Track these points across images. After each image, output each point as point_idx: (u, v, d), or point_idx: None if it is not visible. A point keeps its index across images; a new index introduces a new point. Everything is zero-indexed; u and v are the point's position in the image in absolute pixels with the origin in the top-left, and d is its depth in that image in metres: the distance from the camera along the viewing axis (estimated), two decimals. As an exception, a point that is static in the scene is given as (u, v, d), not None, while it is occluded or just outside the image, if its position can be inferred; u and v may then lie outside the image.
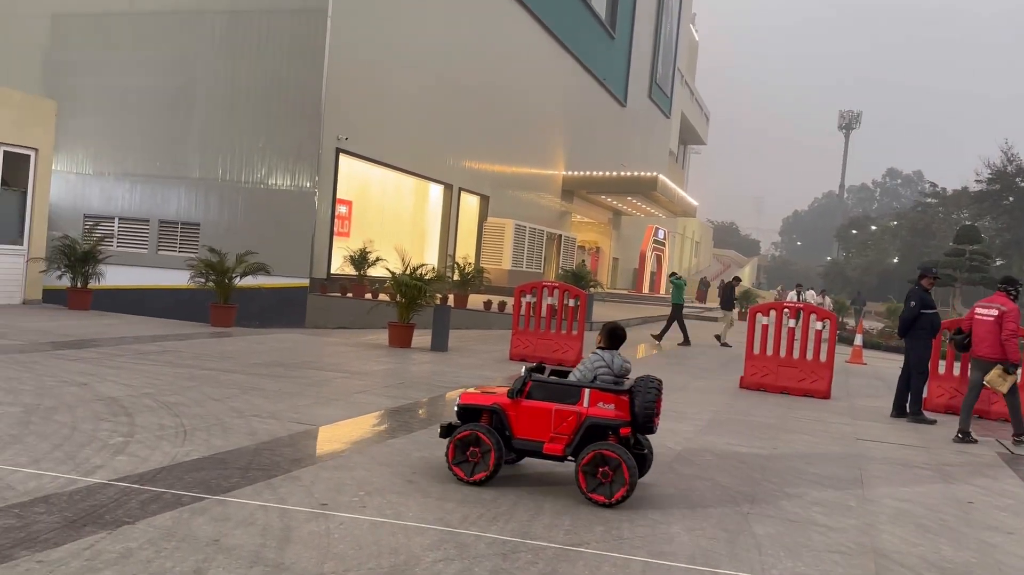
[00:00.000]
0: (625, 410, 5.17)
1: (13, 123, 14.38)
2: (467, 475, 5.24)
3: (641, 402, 5.15)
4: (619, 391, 5.22)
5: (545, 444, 5.20)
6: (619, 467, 4.95)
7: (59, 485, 4.51)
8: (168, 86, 20.92)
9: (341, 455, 5.83)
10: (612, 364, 5.45)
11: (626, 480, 4.94)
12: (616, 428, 5.12)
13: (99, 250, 15.14)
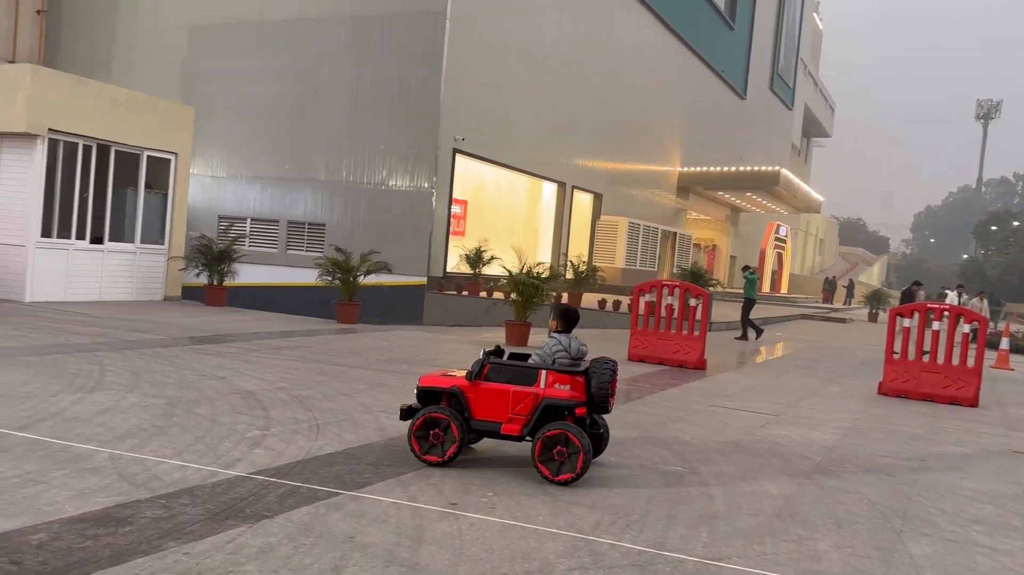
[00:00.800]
0: (581, 391, 5.28)
1: (155, 129, 15.26)
2: (441, 457, 5.27)
3: (596, 383, 5.24)
4: (575, 372, 5.31)
5: (503, 425, 5.31)
6: (569, 441, 5.07)
7: (202, 477, 4.66)
8: (296, 91, 21.76)
9: (468, 452, 5.80)
10: (569, 348, 5.53)
11: (579, 457, 5.04)
12: (572, 408, 5.24)
13: (233, 249, 15.88)
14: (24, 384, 6.81)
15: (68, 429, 5.44)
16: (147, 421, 5.87)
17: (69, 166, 13.87)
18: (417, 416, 5.32)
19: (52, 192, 13.63)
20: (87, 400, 6.39)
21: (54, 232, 13.77)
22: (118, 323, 11.54)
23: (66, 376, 7.30)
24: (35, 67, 13.40)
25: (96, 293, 14.54)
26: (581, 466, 5.05)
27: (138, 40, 24.30)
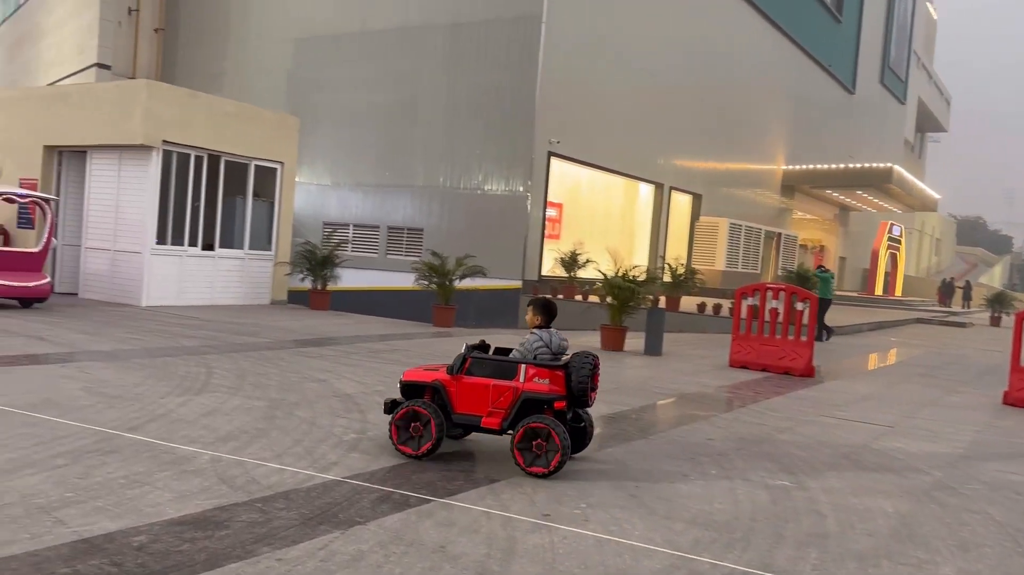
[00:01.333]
0: (560, 385, 5.28)
1: (263, 139, 15.83)
2: (415, 450, 5.34)
3: (576, 377, 5.25)
4: (554, 366, 5.32)
5: (483, 418, 5.33)
6: (550, 437, 5.08)
7: (298, 480, 4.71)
8: (395, 100, 22.19)
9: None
10: (550, 343, 5.52)
11: (556, 456, 5.07)
12: (551, 402, 5.24)
13: (336, 255, 16.28)
14: (136, 386, 7.12)
15: (174, 431, 5.62)
16: (249, 423, 6.01)
17: (182, 176, 14.54)
18: (400, 408, 5.38)
19: (166, 201, 14.32)
20: (193, 402, 6.61)
21: (168, 239, 14.46)
22: (226, 327, 11.99)
23: (175, 378, 7.59)
24: (151, 82, 14.12)
25: (207, 297, 15.18)
26: (555, 465, 5.10)
27: (247, 54, 25.35)
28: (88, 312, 12.63)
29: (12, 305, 12.59)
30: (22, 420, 5.56)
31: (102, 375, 7.49)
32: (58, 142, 15.18)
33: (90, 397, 6.48)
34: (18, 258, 12.66)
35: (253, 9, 25.31)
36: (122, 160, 14.39)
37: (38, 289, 12.47)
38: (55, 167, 15.42)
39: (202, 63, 25.96)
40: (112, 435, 5.37)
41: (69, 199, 15.47)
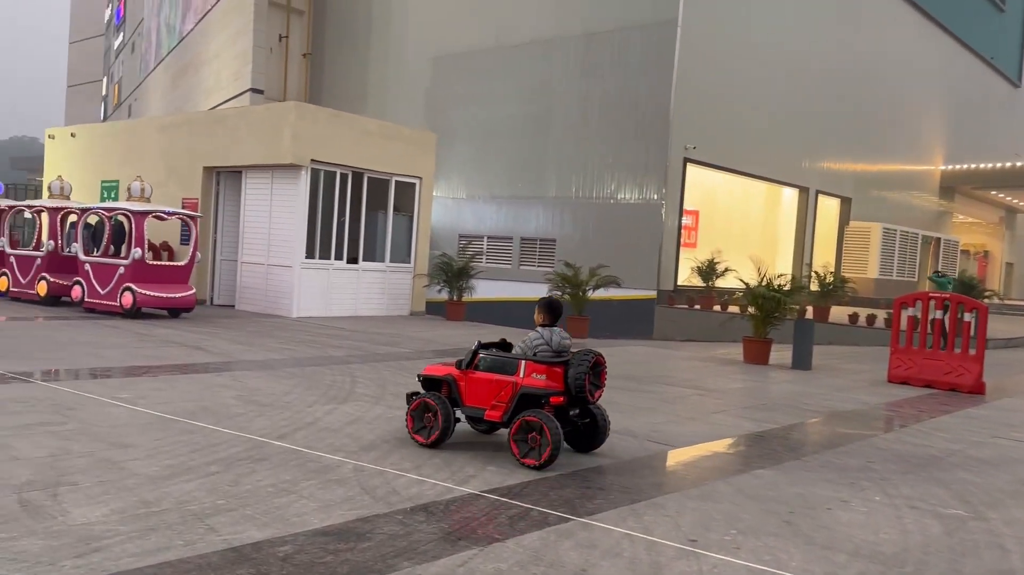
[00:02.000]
0: (558, 381, 5.47)
1: (402, 155, 16.30)
2: (425, 439, 5.68)
3: (573, 374, 5.43)
4: (552, 363, 5.51)
5: (486, 411, 5.61)
6: (543, 431, 5.23)
7: (437, 493, 4.69)
8: (528, 112, 22.33)
9: (705, 483, 5.37)
10: (551, 341, 5.72)
11: (547, 451, 5.20)
12: (547, 397, 5.39)
13: (471, 266, 16.50)
14: (285, 394, 7.40)
15: (319, 439, 5.77)
16: (390, 433, 6.08)
17: (328, 193, 15.18)
18: (415, 399, 5.78)
19: (314, 217, 14.99)
20: (338, 411, 6.78)
21: (316, 254, 15.12)
22: (369, 337, 12.36)
23: (321, 387, 7.84)
24: (299, 104, 14.86)
25: (352, 309, 15.76)
26: (546, 458, 5.24)
27: (388, 74, 26.30)
28: (243, 323, 13.37)
29: (161, 315, 13.62)
30: (181, 427, 5.86)
31: (254, 384, 7.84)
32: (216, 163, 16.24)
33: (243, 405, 6.78)
34: (167, 271, 13.62)
35: (393, 32, 26.24)
36: (274, 179, 15.20)
37: (184, 300, 13.37)
38: (213, 187, 16.50)
39: (346, 84, 27.18)
40: (262, 443, 5.56)
41: (226, 217, 16.50)
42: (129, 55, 52.17)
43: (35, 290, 14.45)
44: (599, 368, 5.55)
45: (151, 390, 7.19)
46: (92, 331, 11.03)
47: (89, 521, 3.82)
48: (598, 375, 5.56)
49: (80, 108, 65.15)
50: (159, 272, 13.45)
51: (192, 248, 13.97)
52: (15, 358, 8.35)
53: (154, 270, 13.41)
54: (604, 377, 5.63)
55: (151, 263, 13.50)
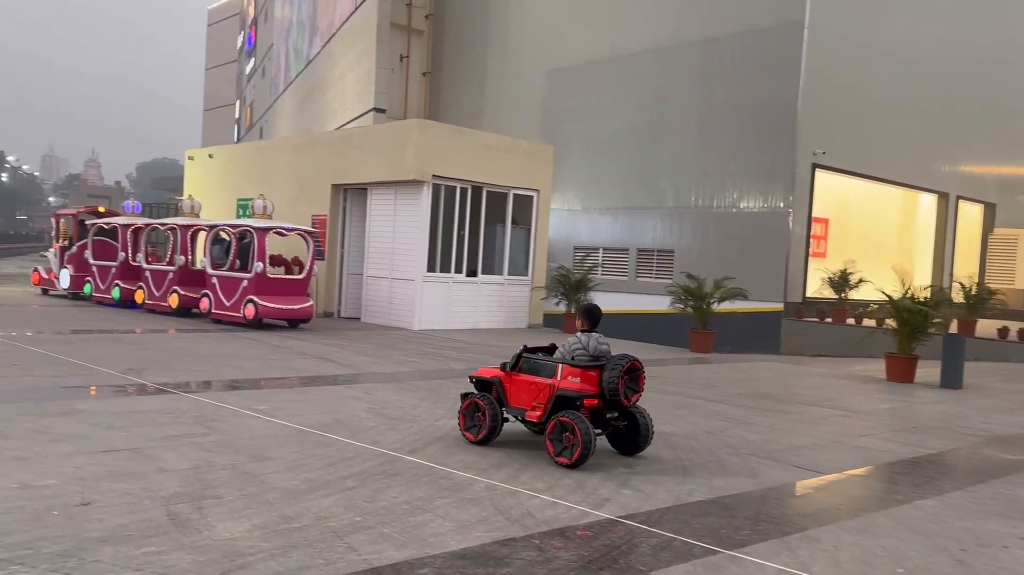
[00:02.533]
0: (593, 384, 5.67)
1: (520, 168, 16.32)
2: (475, 436, 6.02)
3: (606, 378, 5.62)
4: (588, 367, 5.72)
5: (527, 411, 5.90)
6: (575, 432, 5.43)
7: (572, 517, 4.51)
8: (645, 121, 21.99)
9: (862, 515, 4.96)
10: (588, 346, 5.90)
11: (577, 451, 5.41)
12: (581, 399, 5.61)
13: (588, 278, 16.29)
14: (414, 408, 7.42)
15: (449, 455, 5.71)
16: (519, 450, 5.96)
17: (449, 207, 15.37)
18: (466, 399, 6.14)
19: (435, 231, 15.20)
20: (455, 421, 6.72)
21: (437, 267, 15.31)
22: (489, 349, 12.36)
23: (448, 401, 7.83)
24: (421, 121, 15.13)
25: (471, 321, 15.86)
26: (577, 457, 5.44)
27: (504, 89, 26.55)
28: (369, 335, 13.67)
29: (281, 325, 14.17)
30: (316, 440, 5.95)
31: (383, 396, 7.92)
32: (343, 180, 16.76)
33: (374, 418, 6.83)
34: (286, 284, 14.15)
35: (510, 48, 26.48)
36: (397, 195, 15.53)
37: (303, 311, 14.01)
38: (341, 203, 17.03)
39: (464, 101, 27.61)
40: (395, 457, 5.56)
41: (352, 232, 16.99)
42: (260, 79, 55.05)
43: (167, 302, 15.22)
44: (635, 372, 5.72)
45: (286, 402, 7.37)
46: (231, 343, 11.52)
47: (233, 536, 3.87)
48: (635, 380, 5.73)
49: (216, 131, 69.33)
50: (279, 285, 14.00)
51: (309, 263, 14.48)
52: (163, 370, 8.79)
53: (274, 283, 13.96)
54: (642, 382, 5.77)
55: (271, 276, 14.02)
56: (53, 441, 5.40)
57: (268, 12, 52.92)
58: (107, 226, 17.25)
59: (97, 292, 17.00)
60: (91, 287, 17.16)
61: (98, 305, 16.63)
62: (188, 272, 15.21)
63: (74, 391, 7.32)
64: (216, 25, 75.06)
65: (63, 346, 10.19)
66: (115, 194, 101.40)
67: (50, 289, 18.78)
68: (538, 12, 25.51)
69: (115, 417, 6.26)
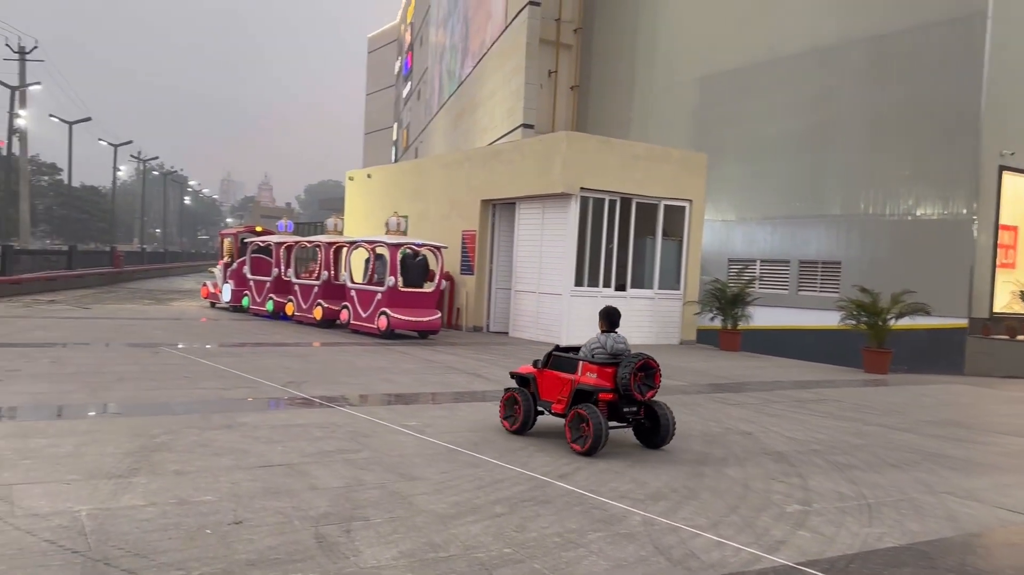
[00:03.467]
0: (609, 380, 6.14)
1: (671, 179, 15.76)
2: (511, 426, 6.73)
3: (620, 374, 6.07)
4: (604, 364, 6.21)
5: (553, 404, 6.50)
6: (588, 422, 5.95)
7: (743, 561, 4.04)
8: (806, 125, 20.78)
9: None
10: (606, 345, 6.39)
11: (588, 441, 5.94)
12: (597, 393, 6.11)
13: (747, 293, 15.45)
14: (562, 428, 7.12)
15: (602, 482, 5.36)
16: (678, 480, 5.53)
17: (597, 220, 15.05)
18: (506, 392, 6.87)
19: (583, 245, 14.91)
20: (618, 451, 6.35)
21: (585, 281, 15.01)
22: (641, 367, 11.90)
23: (598, 422, 7.49)
24: (569, 134, 14.93)
25: (620, 337, 15.41)
26: (589, 446, 5.97)
27: (652, 99, 25.97)
28: (517, 351, 13.55)
29: (412, 336, 14.81)
30: (465, 460, 5.77)
31: (531, 416, 7.69)
32: (492, 196, 16.84)
33: (523, 439, 6.60)
34: (416, 297, 14.66)
35: (659, 57, 25.90)
36: (545, 208, 15.39)
37: (431, 323, 14.55)
38: (489, 218, 17.11)
39: (612, 113, 27.25)
40: (544, 482, 5.28)
41: (501, 247, 17.02)
42: (416, 102, 57.21)
43: (312, 314, 16.15)
44: (650, 370, 6.17)
45: (436, 418, 7.29)
46: (386, 357, 11.73)
47: (379, 563, 3.72)
48: (650, 377, 6.17)
49: (376, 152, 72.77)
50: (409, 298, 14.57)
51: (438, 277, 15.02)
52: (321, 383, 9.00)
53: (405, 296, 14.53)
54: (657, 379, 6.22)
55: (402, 290, 14.57)
56: (214, 455, 5.53)
57: (423, 37, 54.98)
58: (262, 244, 18.60)
59: (254, 305, 18.43)
60: (249, 300, 18.65)
61: (255, 316, 18.00)
62: (330, 286, 16.07)
63: (237, 403, 7.59)
64: (375, 52, 78.94)
65: (230, 359, 10.71)
66: (286, 214, 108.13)
67: (216, 302, 20.42)
68: (689, 19, 24.79)
69: (274, 431, 6.38)
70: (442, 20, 46.22)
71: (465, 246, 17.47)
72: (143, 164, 64.81)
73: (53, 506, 4.26)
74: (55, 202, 70.36)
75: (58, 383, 8.14)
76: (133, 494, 4.53)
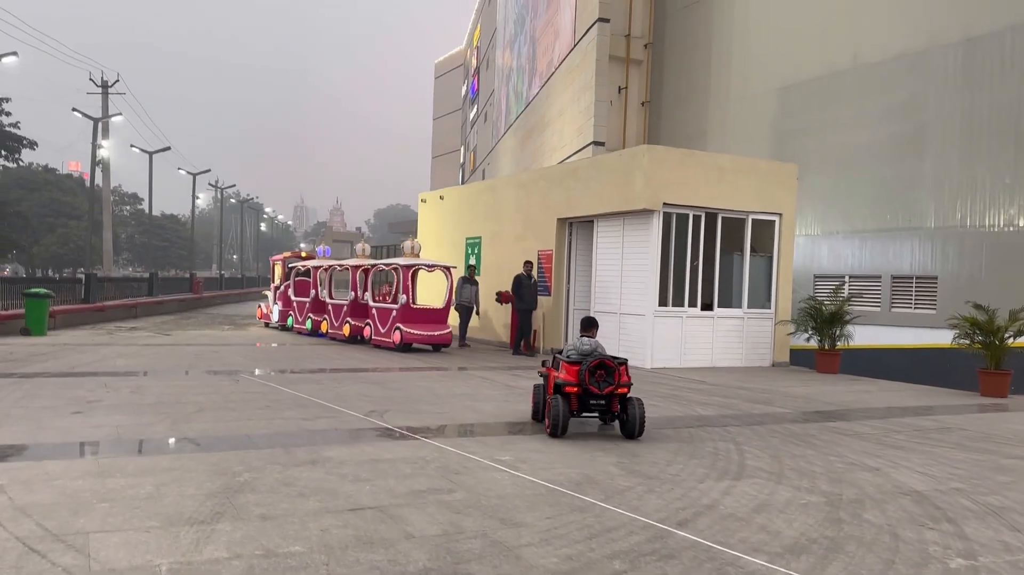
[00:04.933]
0: (574, 376, 7.52)
1: (759, 191, 14.98)
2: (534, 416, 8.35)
3: (580, 371, 7.47)
4: (571, 362, 7.62)
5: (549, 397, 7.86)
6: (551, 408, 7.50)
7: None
8: (896, 133, 19.77)
9: None
10: (578, 347, 7.89)
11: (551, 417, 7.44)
12: (565, 386, 7.55)
13: (845, 311, 14.51)
14: (668, 464, 6.52)
15: (729, 531, 4.75)
16: (813, 527, 4.87)
17: (681, 236, 14.37)
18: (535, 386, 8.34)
19: (666, 262, 14.26)
20: (736, 491, 5.72)
21: (669, 301, 14.33)
22: (736, 392, 11.15)
23: (705, 456, 6.85)
24: (650, 147, 14.33)
25: (707, 359, 14.66)
26: (550, 427, 7.42)
27: (728, 112, 25.16)
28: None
29: (426, 350, 16.05)
30: (569, 503, 5.23)
31: (632, 448, 7.10)
32: (568, 214, 16.34)
33: (627, 476, 6.02)
34: (427, 313, 16.07)
35: (734, 68, 25.12)
36: (625, 225, 14.81)
37: (441, 337, 15.82)
38: (566, 237, 16.61)
39: (685, 127, 26.51)
40: (663, 531, 4.69)
41: (578, 267, 16.49)
42: (482, 124, 57.34)
43: (342, 331, 17.67)
44: (609, 369, 7.42)
45: (529, 451, 6.78)
46: (467, 383, 11.29)
47: (496, 636, 3.21)
48: (610, 374, 7.41)
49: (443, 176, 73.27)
50: (421, 314, 16.02)
51: (447, 294, 16.35)
52: (404, 412, 8.60)
53: (417, 312, 15.99)
54: (617, 376, 7.43)
55: (415, 307, 16.04)
56: (300, 496, 5.13)
57: (489, 60, 55.14)
58: (303, 268, 20.55)
59: (296, 324, 20.46)
60: (292, 319, 20.72)
61: (296, 334, 19.82)
62: (358, 305, 17.51)
63: (321, 435, 7.23)
64: (442, 77, 79.78)
65: (310, 386, 10.43)
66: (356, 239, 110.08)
67: (268, 322, 22.63)
68: (767, 28, 23.95)
69: (360, 467, 5.97)
70: (508, 42, 46.22)
71: (541, 266, 17.00)
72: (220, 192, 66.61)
73: (131, 559, 3.90)
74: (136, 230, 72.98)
75: (138, 414, 7.94)
76: (216, 544, 4.14)
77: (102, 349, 15.05)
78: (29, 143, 40.97)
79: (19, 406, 8.25)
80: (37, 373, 11.08)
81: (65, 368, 11.78)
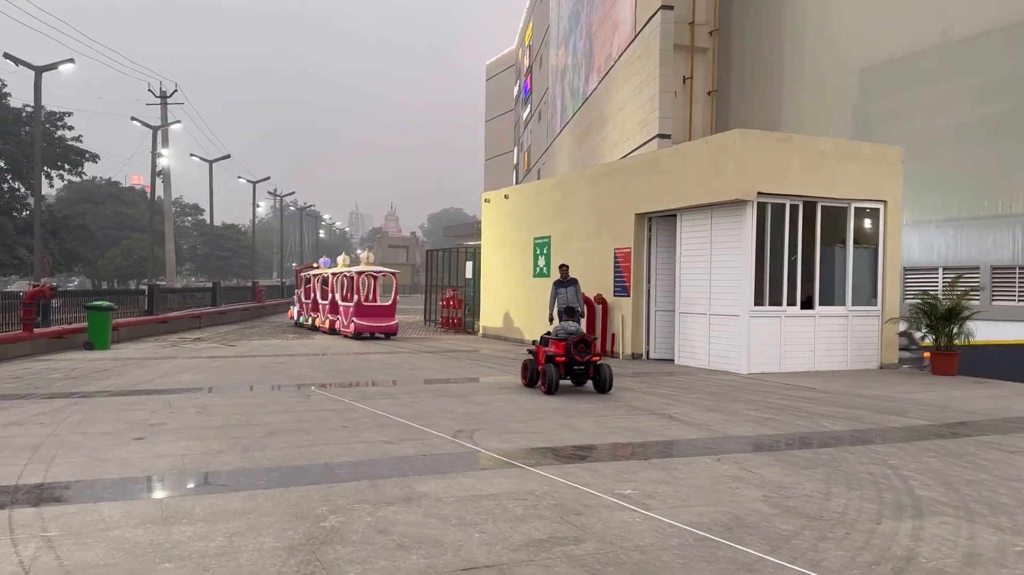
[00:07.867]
0: (561, 349, 10.32)
1: (861, 177, 13.70)
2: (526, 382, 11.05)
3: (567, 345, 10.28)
4: (559, 339, 10.46)
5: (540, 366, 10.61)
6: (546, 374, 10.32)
7: None
8: (990, 114, 18.29)
9: None
10: (566, 328, 10.63)
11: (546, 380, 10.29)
12: (555, 357, 10.32)
13: (964, 306, 13.13)
14: (825, 497, 5.43)
15: (955, 598, 3.68)
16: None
17: (777, 228, 13.19)
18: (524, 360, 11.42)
19: (761, 257, 13.09)
20: (926, 534, 4.62)
21: (765, 299, 13.16)
22: (857, 401, 9.95)
23: (864, 485, 5.75)
24: (743, 132, 13.15)
25: (809, 362, 13.43)
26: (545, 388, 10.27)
27: (804, 97, 23.76)
28: (696, 382, 11.86)
29: (380, 338, 20.78)
30: (732, 559, 4.19)
31: (771, 475, 6.03)
32: (648, 209, 15.27)
33: (783, 515, 4.97)
34: (377, 309, 21.08)
35: (808, 51, 23.70)
36: (713, 218, 13.67)
37: (388, 327, 20.72)
38: (645, 234, 15.53)
39: (756, 115, 25.12)
40: (868, 600, 3.65)
41: (659, 264, 15.40)
42: (536, 124, 56.35)
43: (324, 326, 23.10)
44: (585, 343, 10.31)
45: (653, 482, 5.77)
46: (554, 399, 10.33)
47: None
48: (588, 346, 10.31)
49: (496, 178, 72.49)
50: (372, 310, 21.02)
51: (393, 294, 21.91)
52: (494, 432, 7.69)
53: (368, 308, 21.00)
54: (593, 347, 10.45)
55: (366, 304, 21.18)
56: (399, 548, 4.22)
57: (543, 58, 54.13)
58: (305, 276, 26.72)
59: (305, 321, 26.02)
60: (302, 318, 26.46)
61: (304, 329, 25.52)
62: (335, 304, 22.62)
63: (410, 463, 6.34)
64: (493, 79, 79.10)
65: (386, 401, 9.61)
66: (411, 243, 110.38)
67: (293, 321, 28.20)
68: (844, 7, 22.49)
69: (462, 506, 5.05)
70: (562, 39, 45.18)
71: (619, 265, 15.94)
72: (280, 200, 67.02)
73: (203, 654, 3.03)
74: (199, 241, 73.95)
75: (205, 440, 7.18)
76: (308, 628, 3.25)
77: (165, 363, 14.53)
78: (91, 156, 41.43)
79: (76, 432, 7.57)
80: (98, 392, 10.49)
81: (127, 386, 11.19)
